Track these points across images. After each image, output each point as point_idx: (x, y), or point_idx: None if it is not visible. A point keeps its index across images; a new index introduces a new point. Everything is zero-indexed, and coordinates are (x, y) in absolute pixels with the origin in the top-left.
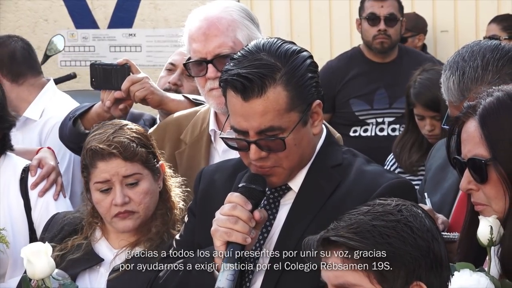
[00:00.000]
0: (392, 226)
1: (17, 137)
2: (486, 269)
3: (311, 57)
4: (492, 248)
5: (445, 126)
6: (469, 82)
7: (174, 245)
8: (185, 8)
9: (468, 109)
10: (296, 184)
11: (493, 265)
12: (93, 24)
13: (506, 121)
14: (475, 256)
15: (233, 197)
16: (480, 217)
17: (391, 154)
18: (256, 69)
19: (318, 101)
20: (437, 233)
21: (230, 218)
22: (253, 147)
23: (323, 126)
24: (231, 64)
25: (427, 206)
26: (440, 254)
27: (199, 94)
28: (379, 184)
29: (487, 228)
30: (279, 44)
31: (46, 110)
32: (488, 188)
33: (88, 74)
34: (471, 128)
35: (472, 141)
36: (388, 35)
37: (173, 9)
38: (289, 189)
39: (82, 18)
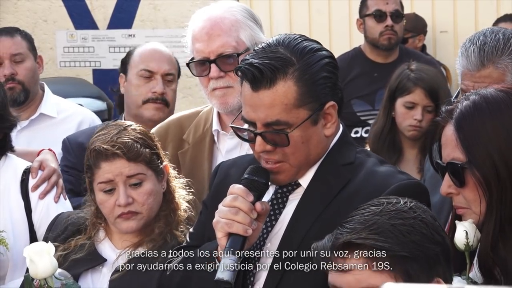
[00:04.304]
0: (410, 224)
1: (22, 135)
2: (471, 274)
3: (330, 57)
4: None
5: (454, 100)
6: (490, 51)
7: (187, 239)
8: (184, 9)
9: (445, 114)
10: (305, 180)
11: (476, 270)
12: (93, 25)
13: (482, 125)
14: (461, 260)
15: (235, 188)
16: (457, 222)
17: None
18: (269, 60)
19: (332, 102)
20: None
21: (231, 209)
22: (258, 139)
23: (340, 125)
24: (250, 54)
25: None
26: (450, 249)
27: (178, 96)
28: (388, 185)
29: (463, 233)
30: (300, 40)
31: (59, 108)
32: (467, 192)
33: (87, 75)
34: (449, 132)
35: (450, 145)
36: (395, 31)
37: (172, 9)
38: (299, 185)
39: (82, 18)
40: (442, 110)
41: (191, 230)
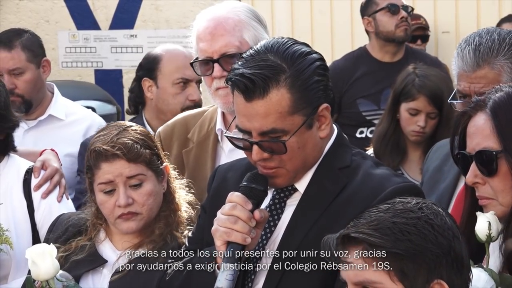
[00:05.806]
0: (413, 223)
1: (29, 134)
2: (484, 266)
3: (321, 59)
4: (491, 244)
5: (451, 101)
6: (485, 52)
7: (186, 243)
8: (186, 9)
9: (477, 103)
10: (302, 185)
11: (492, 261)
12: (95, 25)
13: None
14: (472, 253)
15: (234, 196)
16: (478, 213)
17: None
18: (260, 70)
19: (325, 104)
20: (458, 232)
21: (230, 217)
22: (255, 148)
23: (335, 127)
24: (239, 63)
25: None
26: (461, 253)
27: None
28: (384, 188)
29: (485, 224)
30: (288, 45)
31: (67, 111)
32: (496, 181)
33: (89, 75)
34: (480, 121)
35: (481, 134)
36: (408, 23)
37: (174, 10)
38: (296, 190)
39: (84, 19)
40: (472, 100)
41: (189, 234)
